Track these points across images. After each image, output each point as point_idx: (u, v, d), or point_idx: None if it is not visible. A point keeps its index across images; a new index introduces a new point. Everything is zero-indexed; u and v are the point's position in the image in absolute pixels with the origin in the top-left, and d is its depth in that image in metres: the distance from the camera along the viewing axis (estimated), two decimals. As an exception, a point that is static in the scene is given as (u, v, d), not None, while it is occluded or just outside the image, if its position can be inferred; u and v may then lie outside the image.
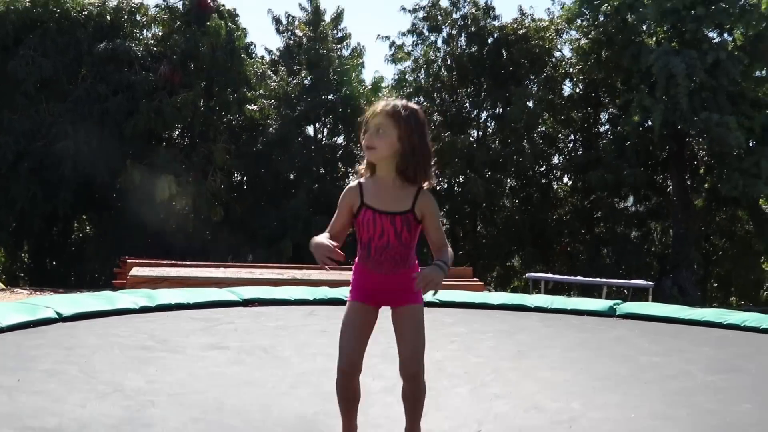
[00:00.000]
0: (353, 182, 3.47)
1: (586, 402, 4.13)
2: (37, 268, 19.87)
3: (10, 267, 20.15)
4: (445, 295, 8.10)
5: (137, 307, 6.59)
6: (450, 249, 3.39)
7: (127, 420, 3.46)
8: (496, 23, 23.15)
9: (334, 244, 3.23)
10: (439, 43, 23.73)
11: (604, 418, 3.84)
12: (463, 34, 23.20)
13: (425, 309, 3.42)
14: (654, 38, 21.06)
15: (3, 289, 13.74)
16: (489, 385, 4.57)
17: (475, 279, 13.69)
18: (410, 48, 23.95)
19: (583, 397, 4.24)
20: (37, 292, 13.23)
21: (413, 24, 23.48)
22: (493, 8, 23.16)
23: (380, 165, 3.36)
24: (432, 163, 3.41)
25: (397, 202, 3.36)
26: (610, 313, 7.51)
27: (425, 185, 3.38)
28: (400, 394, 3.50)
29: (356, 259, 3.50)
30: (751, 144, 19.74)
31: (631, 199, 24.63)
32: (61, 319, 5.83)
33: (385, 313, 3.36)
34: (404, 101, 3.37)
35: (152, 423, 3.44)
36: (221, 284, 10.14)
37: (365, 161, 3.43)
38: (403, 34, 23.58)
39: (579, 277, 18.40)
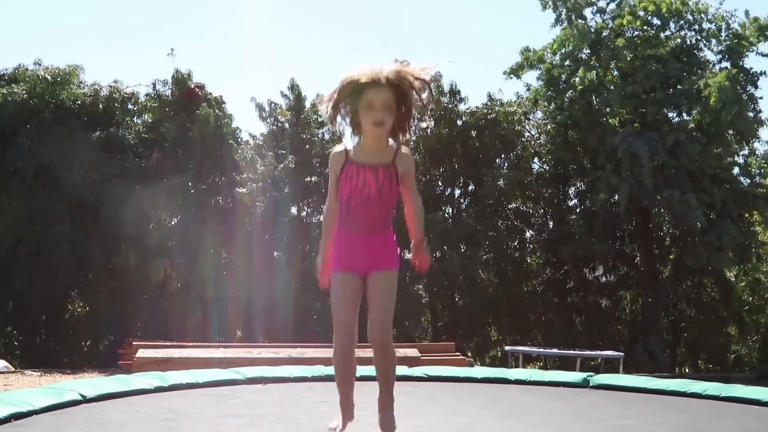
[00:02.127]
0: (338, 147, 3.82)
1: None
2: (33, 349, 20.26)
3: (6, 347, 20.53)
4: (431, 370, 8.89)
5: (152, 387, 7.34)
6: (420, 204, 3.90)
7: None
8: (463, 106, 24.05)
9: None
10: (409, 127, 24.42)
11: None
12: (431, 118, 24.04)
13: (413, 383, 4.11)
14: (617, 119, 22.24)
15: (14, 372, 14.26)
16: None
17: (457, 354, 14.43)
18: (382, 135, 24.55)
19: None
20: (47, 374, 13.77)
21: None
22: (459, 92, 24.04)
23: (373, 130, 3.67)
24: (412, 120, 3.78)
25: (379, 156, 3.71)
26: (583, 384, 8.20)
27: (403, 141, 3.77)
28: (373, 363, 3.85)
29: (336, 229, 3.81)
30: (712, 216, 20.73)
31: (601, 269, 25.49)
32: (85, 400, 6.57)
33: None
34: (390, 68, 3.65)
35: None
36: (222, 364, 10.89)
37: (349, 132, 3.78)
38: None
39: (554, 350, 19.12)
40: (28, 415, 5.56)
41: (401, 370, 8.35)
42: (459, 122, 23.89)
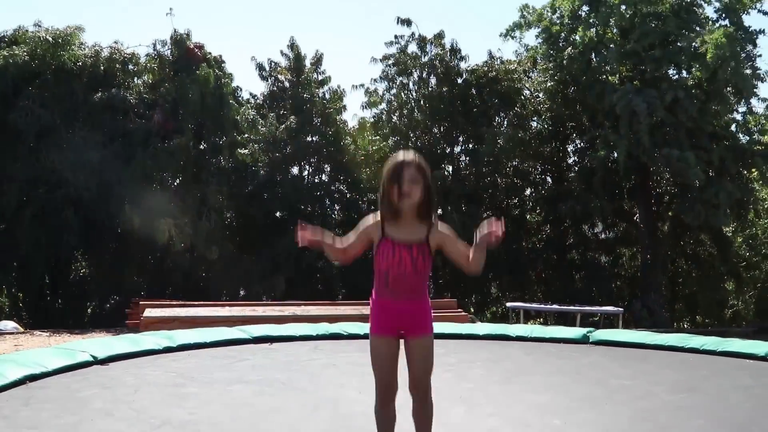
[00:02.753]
0: (376, 215, 3.97)
1: (565, 419, 4.95)
2: (39, 309, 20.44)
3: (12, 308, 20.73)
4: (434, 326, 9.04)
5: (161, 348, 7.46)
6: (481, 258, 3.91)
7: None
8: (464, 65, 24.05)
9: (315, 236, 3.86)
10: (411, 85, 24.40)
11: (582, 433, 4.71)
12: (432, 76, 24.10)
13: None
14: (617, 76, 22.23)
15: (23, 332, 14.46)
16: (482, 406, 5.35)
17: (459, 310, 14.63)
18: (383, 93, 24.50)
19: (563, 415, 5.06)
20: (56, 334, 13.98)
21: (384, 71, 24.19)
22: (460, 50, 24.06)
23: (406, 209, 3.88)
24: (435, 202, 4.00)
25: (413, 234, 3.88)
26: (584, 340, 8.33)
27: (434, 220, 3.92)
28: (411, 414, 4.09)
29: (373, 295, 4.02)
30: (710, 174, 20.82)
31: (600, 226, 25.65)
32: (97, 361, 6.70)
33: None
34: (418, 155, 3.91)
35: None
36: (228, 322, 11.09)
37: (387, 207, 3.88)
38: (375, 81, 24.32)
39: (555, 306, 19.36)
40: (41, 377, 5.78)
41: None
42: (459, 80, 23.88)
